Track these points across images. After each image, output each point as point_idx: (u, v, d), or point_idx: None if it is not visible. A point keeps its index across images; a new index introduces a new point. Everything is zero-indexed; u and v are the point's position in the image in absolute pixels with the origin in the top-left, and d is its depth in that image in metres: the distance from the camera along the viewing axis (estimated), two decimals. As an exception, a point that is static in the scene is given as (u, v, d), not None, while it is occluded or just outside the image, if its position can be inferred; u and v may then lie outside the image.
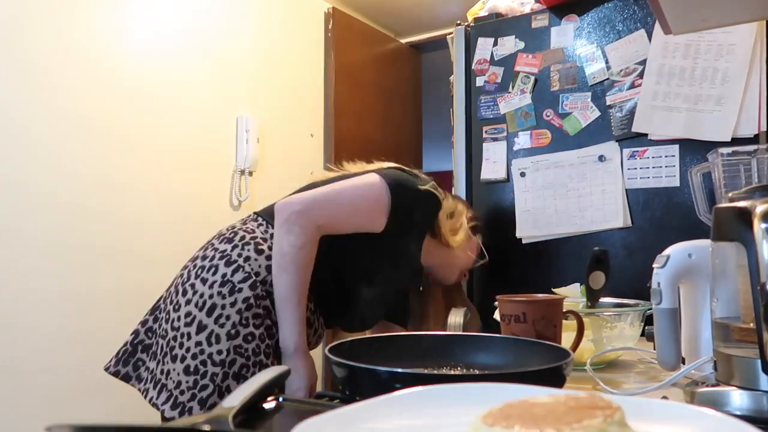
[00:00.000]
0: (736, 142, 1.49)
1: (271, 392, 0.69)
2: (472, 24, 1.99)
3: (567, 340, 0.98)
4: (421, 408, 0.49)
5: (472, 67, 1.95)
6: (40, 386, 1.87)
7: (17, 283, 1.85)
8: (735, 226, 0.68)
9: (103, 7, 2.11)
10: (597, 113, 1.73)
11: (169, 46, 2.33)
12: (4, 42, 1.84)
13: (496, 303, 0.97)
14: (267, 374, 0.70)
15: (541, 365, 0.68)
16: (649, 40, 1.66)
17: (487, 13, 2.00)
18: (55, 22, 1.97)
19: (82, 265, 2.01)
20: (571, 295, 1.29)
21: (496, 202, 1.89)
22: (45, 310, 1.90)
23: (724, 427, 0.43)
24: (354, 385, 0.68)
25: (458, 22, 2.01)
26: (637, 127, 1.66)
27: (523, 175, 1.84)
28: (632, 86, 1.68)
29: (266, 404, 0.68)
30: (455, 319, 1.25)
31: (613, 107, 1.71)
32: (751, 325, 0.67)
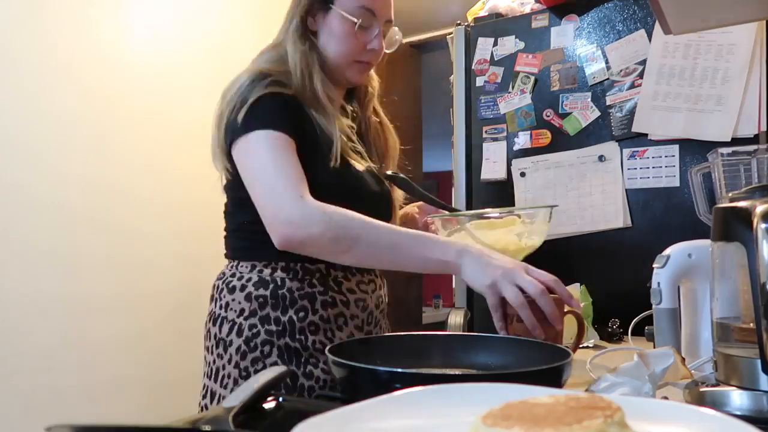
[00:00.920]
0: (736, 142, 1.49)
1: (271, 392, 0.69)
2: (472, 24, 1.99)
3: (495, 239, 0.98)
4: (421, 408, 0.49)
5: (472, 67, 1.95)
6: (40, 386, 1.87)
7: (16, 287, 1.84)
8: (735, 226, 0.68)
9: (103, 8, 2.11)
10: (597, 113, 1.73)
11: (170, 48, 2.33)
12: (2, 44, 1.84)
13: (427, 219, 0.96)
14: (267, 374, 0.70)
15: (541, 365, 0.68)
16: (649, 40, 1.66)
17: (487, 13, 2.00)
18: (55, 23, 1.97)
19: (80, 269, 2.01)
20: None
21: (496, 202, 1.88)
22: (44, 313, 1.90)
23: (724, 427, 0.43)
24: (354, 385, 0.68)
25: (458, 22, 2.01)
26: (637, 127, 1.66)
27: (523, 175, 1.84)
28: (632, 86, 1.68)
29: (266, 404, 0.68)
30: (455, 319, 1.25)
31: (613, 107, 1.71)
32: (751, 325, 0.67)
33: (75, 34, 2.02)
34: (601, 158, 1.72)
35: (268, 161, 1.03)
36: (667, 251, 0.92)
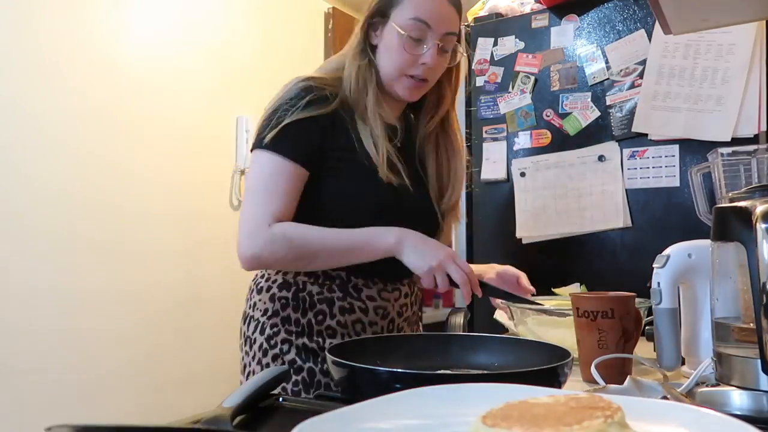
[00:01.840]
0: (736, 142, 1.49)
1: (270, 392, 0.69)
2: (472, 24, 1.99)
3: (559, 338, 0.97)
4: (421, 408, 0.49)
5: (472, 67, 1.95)
6: (40, 386, 1.86)
7: (17, 281, 1.84)
8: (735, 226, 0.68)
9: (105, 6, 2.11)
10: (597, 113, 1.73)
11: (170, 47, 2.33)
12: (12, 38, 1.84)
13: (498, 303, 0.97)
14: (267, 374, 0.70)
15: (541, 365, 0.68)
16: (649, 40, 1.66)
17: (487, 13, 2.00)
18: (59, 21, 1.97)
19: (80, 265, 2.01)
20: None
21: (496, 202, 1.89)
22: (45, 309, 1.90)
23: (724, 427, 0.43)
24: (354, 385, 0.68)
25: (458, 22, 2.01)
26: (637, 127, 1.66)
27: (523, 175, 1.84)
28: (632, 86, 1.68)
29: (266, 404, 0.68)
30: (455, 319, 1.25)
31: (613, 107, 1.71)
32: (751, 325, 0.67)
33: (75, 32, 2.02)
34: (601, 158, 1.72)
35: (259, 185, 1.10)
36: (667, 251, 0.92)
